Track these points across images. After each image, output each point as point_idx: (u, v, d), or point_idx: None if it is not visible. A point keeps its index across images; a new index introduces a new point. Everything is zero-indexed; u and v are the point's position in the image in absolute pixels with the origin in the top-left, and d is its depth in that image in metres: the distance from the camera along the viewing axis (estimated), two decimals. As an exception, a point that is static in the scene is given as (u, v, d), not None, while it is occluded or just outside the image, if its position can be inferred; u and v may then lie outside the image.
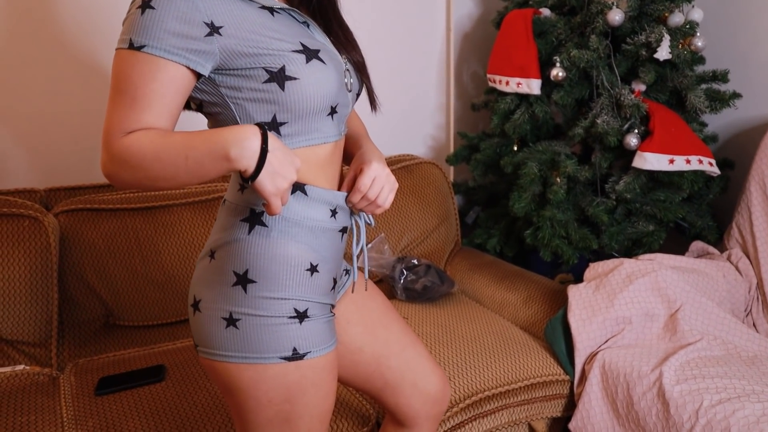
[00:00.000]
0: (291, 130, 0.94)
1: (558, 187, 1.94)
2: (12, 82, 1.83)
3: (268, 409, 0.98)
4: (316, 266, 0.99)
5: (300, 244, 0.97)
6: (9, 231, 1.65)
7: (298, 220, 0.97)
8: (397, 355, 1.20)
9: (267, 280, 0.95)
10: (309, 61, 0.92)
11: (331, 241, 1.01)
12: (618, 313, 1.68)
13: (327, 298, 1.02)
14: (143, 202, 1.85)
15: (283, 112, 0.92)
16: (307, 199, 0.98)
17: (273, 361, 0.95)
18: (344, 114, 1.02)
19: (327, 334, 1.00)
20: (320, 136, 0.97)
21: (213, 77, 0.91)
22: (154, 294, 1.81)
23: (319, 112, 0.95)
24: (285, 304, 0.96)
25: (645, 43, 1.89)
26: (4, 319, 1.64)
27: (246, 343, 0.95)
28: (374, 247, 2.05)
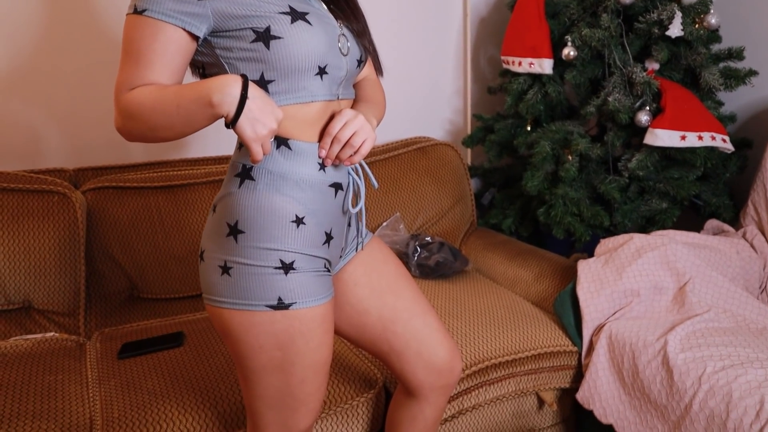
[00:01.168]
0: (278, 88, 1.01)
1: (570, 165, 1.96)
2: (46, 68, 1.93)
3: (261, 354, 1.04)
4: (302, 218, 1.04)
5: (285, 196, 1.03)
6: (39, 206, 1.74)
7: (283, 173, 1.03)
8: (404, 323, 1.23)
9: (254, 230, 1.02)
10: (294, 22, 0.98)
11: (321, 195, 1.06)
12: (626, 286, 1.69)
13: (318, 252, 1.07)
14: (166, 181, 1.93)
15: (270, 70, 0.99)
16: (292, 153, 1.03)
17: (260, 308, 1.02)
18: (337, 76, 1.06)
19: (316, 287, 1.05)
20: (307, 95, 1.02)
21: (209, 39, 0.98)
22: (176, 268, 1.88)
23: (304, 71, 1.00)
24: (271, 255, 1.02)
25: (657, 21, 1.90)
26: (35, 289, 1.73)
27: (237, 290, 1.02)
28: (389, 225, 2.10)
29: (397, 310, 1.23)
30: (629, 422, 1.57)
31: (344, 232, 1.17)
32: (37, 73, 1.93)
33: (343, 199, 1.12)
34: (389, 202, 2.17)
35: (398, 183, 2.19)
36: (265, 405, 1.11)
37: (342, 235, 1.15)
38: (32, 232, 1.73)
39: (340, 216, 1.13)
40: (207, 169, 2.01)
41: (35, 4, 1.88)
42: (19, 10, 1.87)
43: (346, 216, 1.15)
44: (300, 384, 1.09)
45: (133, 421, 1.33)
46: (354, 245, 1.22)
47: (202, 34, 0.96)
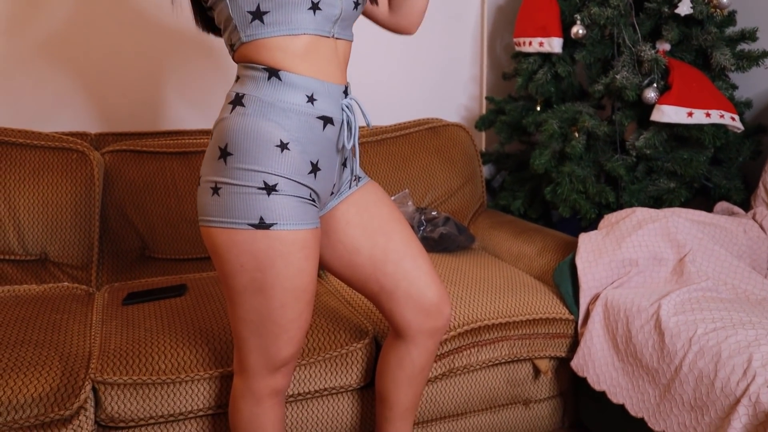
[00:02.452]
0: (272, 19, 1.07)
1: (576, 142, 1.97)
2: (73, 37, 2.04)
3: (242, 274, 1.09)
4: (287, 144, 1.08)
5: (270, 122, 1.08)
6: (59, 162, 1.83)
7: (271, 102, 1.09)
8: (395, 263, 1.26)
9: (241, 152, 1.07)
10: None
11: (307, 125, 1.11)
12: (624, 255, 1.69)
13: (303, 180, 1.11)
14: (181, 148, 2.00)
15: (266, 1, 1.05)
16: (281, 84, 1.09)
17: (242, 226, 1.07)
18: (331, 14, 1.11)
19: (299, 212, 1.09)
20: (297, 27, 1.08)
21: None
22: (187, 231, 1.95)
23: (297, 4, 1.06)
24: (255, 176, 1.07)
25: (667, 0, 1.91)
26: (51, 242, 1.82)
27: (223, 209, 1.07)
28: (397, 200, 2.13)
29: (387, 251, 1.26)
30: (621, 388, 1.56)
31: (336, 168, 1.20)
32: (68, 41, 2.04)
33: (337, 135, 1.16)
34: (399, 179, 2.20)
35: (408, 161, 2.22)
36: (248, 330, 1.15)
37: (333, 170, 1.19)
38: (51, 187, 1.81)
39: (332, 151, 1.16)
40: (221, 138, 2.08)
41: (66, -23, 2.00)
42: (52, -18, 1.99)
43: (340, 154, 1.19)
44: (280, 308, 1.12)
45: (127, 352, 1.39)
46: (348, 184, 1.26)
47: None
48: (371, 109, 2.30)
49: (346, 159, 1.22)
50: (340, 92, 1.16)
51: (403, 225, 1.28)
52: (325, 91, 1.12)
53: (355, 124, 1.18)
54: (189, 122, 2.19)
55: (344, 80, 1.19)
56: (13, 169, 1.80)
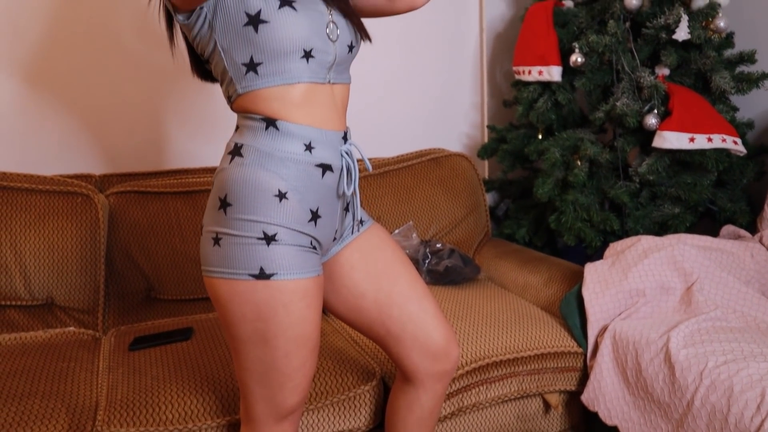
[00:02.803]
0: (266, 70, 1.08)
1: (579, 170, 1.97)
2: (77, 80, 2.06)
3: (245, 324, 1.09)
4: (285, 193, 1.09)
5: (268, 172, 1.08)
6: (64, 206, 1.84)
7: (269, 151, 1.09)
8: (400, 307, 1.25)
9: (240, 203, 1.08)
10: (281, 8, 1.06)
11: (306, 174, 1.11)
12: (631, 286, 1.68)
13: (303, 228, 1.11)
14: (185, 187, 2.01)
15: (258, 53, 1.07)
16: (279, 133, 1.10)
17: (243, 277, 1.07)
18: (325, 60, 1.12)
19: (300, 261, 1.09)
20: (292, 76, 1.09)
21: (212, 24, 1.07)
22: (192, 271, 1.95)
23: (289, 53, 1.07)
24: (255, 226, 1.07)
25: (664, 26, 1.91)
26: (57, 286, 1.82)
27: (224, 259, 1.08)
28: (401, 233, 2.13)
29: (392, 295, 1.25)
30: (633, 423, 1.54)
31: (338, 214, 1.20)
32: (72, 84, 2.06)
33: (337, 182, 1.16)
34: (403, 211, 2.20)
35: (412, 192, 2.22)
36: (253, 380, 1.15)
37: (334, 217, 1.19)
38: (57, 232, 1.82)
39: (332, 198, 1.16)
40: (224, 176, 2.09)
41: (72, 19, 2.02)
42: (58, 25, 2.01)
43: (341, 200, 1.19)
44: (284, 358, 1.12)
45: (134, 403, 1.38)
46: (350, 229, 1.25)
47: None
48: (373, 140, 2.31)
49: (348, 204, 1.22)
50: (338, 138, 1.16)
51: (407, 267, 1.28)
52: (323, 138, 1.13)
53: (355, 170, 1.18)
54: (193, 160, 2.20)
55: (343, 126, 1.19)
56: (19, 214, 1.81)
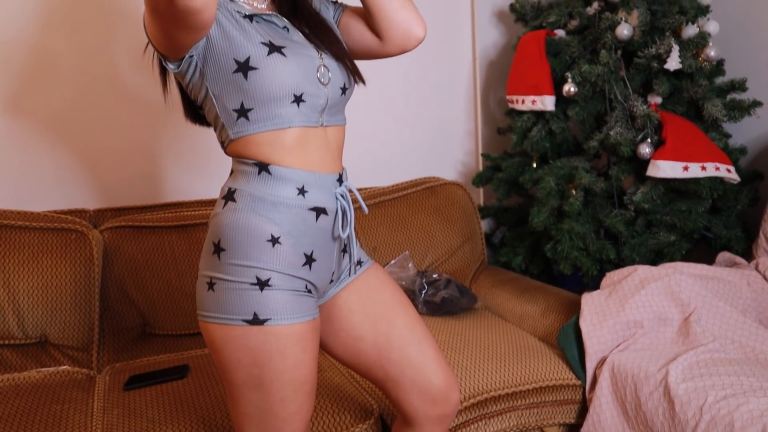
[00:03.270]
0: (257, 116, 1.08)
1: (574, 200, 1.97)
2: (70, 114, 2.06)
3: (240, 370, 1.08)
4: (278, 238, 1.08)
5: (261, 216, 1.08)
6: (58, 243, 1.83)
7: (261, 196, 1.09)
8: (399, 350, 1.24)
9: (233, 248, 1.07)
10: (270, 54, 1.07)
11: (299, 218, 1.10)
12: (629, 317, 1.67)
13: (297, 272, 1.10)
14: (180, 221, 2.00)
15: (248, 99, 1.07)
16: (271, 178, 1.09)
17: (237, 322, 1.06)
18: (316, 104, 1.12)
19: (294, 306, 1.08)
20: (283, 121, 1.09)
21: (203, 71, 1.08)
22: (187, 305, 1.94)
23: (279, 98, 1.07)
24: (248, 272, 1.06)
25: (656, 55, 1.93)
26: (51, 324, 1.80)
27: (218, 304, 1.07)
28: (397, 263, 2.12)
29: (391, 338, 1.24)
30: (634, 457, 1.53)
31: (334, 257, 1.19)
32: (65, 119, 2.06)
33: (332, 224, 1.16)
34: (398, 241, 2.20)
35: (407, 222, 2.22)
36: (250, 424, 1.13)
37: (330, 259, 1.18)
38: (51, 269, 1.81)
39: (327, 241, 1.16)
40: (219, 209, 2.08)
41: (64, 53, 2.02)
42: (50, 60, 2.01)
43: (337, 242, 1.18)
44: (280, 402, 1.11)
45: (129, 447, 1.37)
46: (348, 271, 1.24)
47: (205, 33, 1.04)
48: (367, 169, 2.31)
49: (346, 246, 1.22)
50: (333, 181, 1.16)
51: (406, 309, 1.27)
52: (317, 182, 1.12)
53: (350, 212, 1.17)
54: (189, 193, 2.20)
55: (338, 168, 1.19)
56: (12, 251, 1.80)
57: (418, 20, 1.24)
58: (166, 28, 1.00)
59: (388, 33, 1.23)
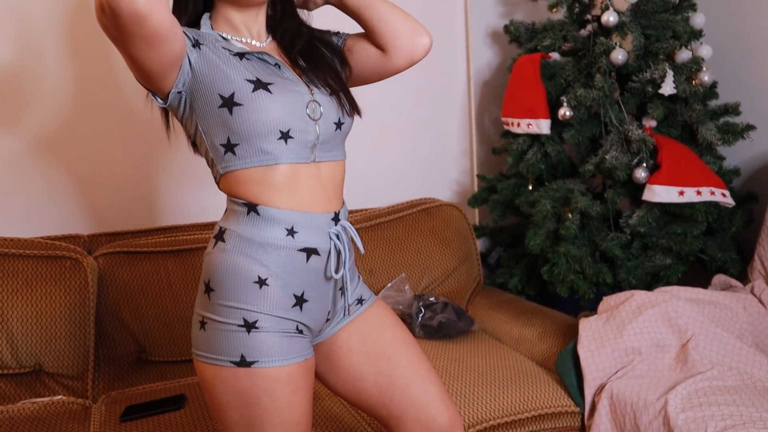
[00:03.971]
0: (243, 152, 1.08)
1: (570, 223, 1.97)
2: (64, 139, 2.05)
3: (230, 411, 1.07)
4: (265, 280, 1.08)
5: (248, 258, 1.08)
6: (52, 271, 1.81)
7: (249, 237, 1.08)
8: (401, 389, 1.22)
9: (221, 289, 1.08)
10: (255, 91, 1.07)
11: (288, 259, 1.09)
12: (627, 344, 1.68)
13: (287, 314, 1.10)
14: (175, 246, 1.99)
15: (234, 134, 1.07)
16: (259, 219, 1.09)
17: (225, 363, 1.06)
18: (306, 140, 1.11)
19: (283, 348, 1.08)
20: (270, 158, 1.08)
21: (193, 107, 1.08)
22: (183, 331, 1.92)
23: (265, 135, 1.07)
24: (235, 313, 1.07)
25: (650, 80, 1.94)
26: (46, 353, 1.79)
27: (209, 344, 1.08)
28: (394, 286, 2.12)
29: (393, 377, 1.23)
30: (634, 486, 1.53)
31: (329, 296, 1.18)
32: (58, 142, 2.05)
33: (324, 264, 1.14)
34: (394, 263, 2.19)
35: (403, 244, 2.22)
36: None
37: (325, 299, 1.17)
38: (45, 297, 1.79)
39: (320, 281, 1.14)
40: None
41: (56, 76, 2.01)
42: (42, 83, 2.00)
43: (332, 282, 1.17)
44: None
45: (127, 484, 1.35)
46: (344, 312, 1.23)
47: (186, 61, 1.05)
48: (362, 189, 2.30)
49: (345, 284, 1.20)
50: (326, 221, 1.14)
51: (408, 347, 1.26)
52: (307, 222, 1.11)
53: (345, 252, 1.16)
54: (184, 216, 2.19)
55: (333, 206, 1.17)
56: (6, 280, 1.78)
57: (422, 28, 1.23)
58: (127, 51, 0.98)
59: (393, 43, 1.22)
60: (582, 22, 2.16)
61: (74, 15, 2.02)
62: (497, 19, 2.55)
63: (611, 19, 1.94)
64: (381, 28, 1.21)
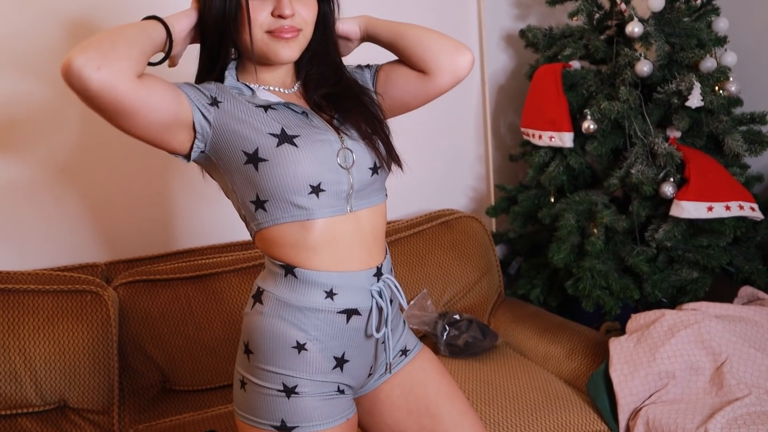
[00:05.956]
0: (273, 208, 1.04)
1: (596, 239, 1.95)
2: (78, 166, 1.99)
3: None
4: (304, 345, 1.05)
5: (286, 322, 1.05)
6: (73, 306, 1.78)
7: (287, 301, 1.06)
8: None
9: (259, 353, 1.06)
10: (280, 145, 1.02)
11: (327, 322, 1.06)
12: (661, 368, 1.66)
13: (326, 377, 1.08)
14: (195, 271, 1.95)
15: (262, 191, 1.03)
16: (297, 282, 1.06)
17: (266, 427, 1.05)
18: (339, 190, 1.06)
19: (324, 411, 1.06)
20: (303, 213, 1.04)
21: (216, 162, 1.06)
22: (207, 359, 1.90)
23: (295, 191, 1.03)
24: (275, 378, 1.05)
25: (676, 92, 1.90)
26: (70, 389, 1.76)
27: (249, 406, 1.07)
28: (417, 304, 2.09)
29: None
30: None
31: (372, 353, 1.15)
32: (72, 169, 1.99)
33: (365, 323, 1.11)
34: (416, 278, 2.17)
35: (424, 259, 2.19)
36: None
37: (367, 356, 1.14)
38: (67, 333, 1.76)
39: (360, 339, 1.12)
40: (234, 255, 2.04)
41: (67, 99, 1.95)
42: (53, 107, 1.94)
43: (372, 338, 1.14)
44: None
45: None
46: (386, 367, 1.19)
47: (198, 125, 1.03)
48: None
49: (387, 340, 1.16)
50: (367, 278, 1.10)
51: (453, 401, 1.22)
52: (347, 283, 1.08)
53: (388, 308, 1.12)
54: (201, 238, 2.15)
55: (375, 260, 1.12)
56: (27, 317, 1.74)
57: (461, 44, 1.18)
58: (113, 121, 0.97)
59: (436, 64, 1.16)
60: (602, 28, 2.11)
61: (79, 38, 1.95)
62: (511, 22, 2.49)
63: (636, 30, 1.89)
64: (420, 52, 1.16)
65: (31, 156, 1.95)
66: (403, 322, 1.25)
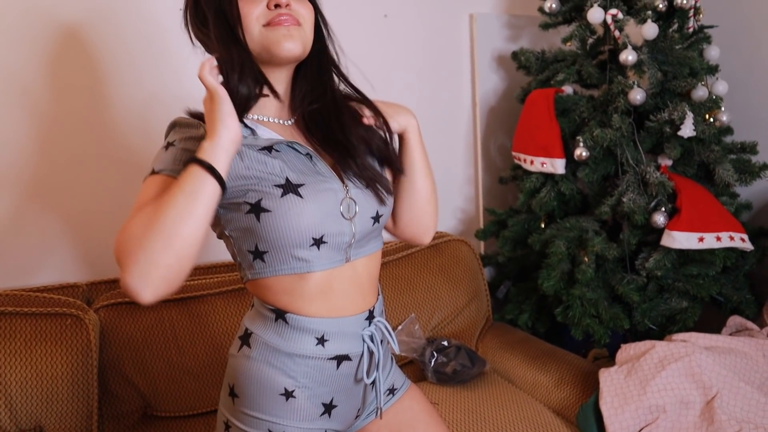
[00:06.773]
0: (272, 260, 1.00)
1: (586, 266, 1.93)
2: (58, 182, 1.94)
3: None
4: (292, 392, 1.02)
5: (274, 369, 1.02)
6: (52, 330, 1.72)
7: (276, 346, 1.02)
8: None
9: (245, 397, 1.03)
10: (284, 196, 0.97)
11: (317, 369, 1.04)
12: (651, 401, 1.65)
13: (313, 424, 1.05)
14: (178, 294, 1.91)
15: (262, 242, 0.99)
16: (288, 327, 1.02)
17: None
18: (340, 242, 1.03)
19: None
20: (302, 266, 1.01)
21: (218, 213, 1.01)
22: (190, 384, 1.85)
23: (296, 245, 0.98)
24: (260, 424, 1.02)
25: (668, 120, 1.89)
26: (47, 415, 1.70)
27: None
28: (404, 329, 2.06)
29: None
30: None
31: (359, 395, 1.13)
32: (52, 186, 1.94)
33: (356, 368, 1.08)
34: (404, 303, 2.14)
35: (412, 283, 2.16)
36: None
37: (356, 399, 1.12)
38: (45, 357, 1.70)
39: (349, 384, 1.09)
40: (219, 277, 1.99)
41: (51, 117, 1.90)
42: (35, 124, 1.89)
43: (362, 382, 1.11)
44: None
45: None
46: (374, 408, 1.17)
47: None
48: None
49: (377, 384, 1.13)
50: (359, 322, 1.07)
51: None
52: (339, 329, 1.05)
53: (379, 352, 1.09)
54: (183, 258, 2.10)
55: (367, 303, 1.10)
56: (3, 340, 1.68)
57: (434, 230, 1.25)
58: None
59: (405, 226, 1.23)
60: (595, 54, 2.11)
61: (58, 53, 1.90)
62: (503, 43, 2.48)
63: (630, 58, 1.89)
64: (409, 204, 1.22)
65: (10, 172, 1.90)
66: (391, 360, 1.22)
